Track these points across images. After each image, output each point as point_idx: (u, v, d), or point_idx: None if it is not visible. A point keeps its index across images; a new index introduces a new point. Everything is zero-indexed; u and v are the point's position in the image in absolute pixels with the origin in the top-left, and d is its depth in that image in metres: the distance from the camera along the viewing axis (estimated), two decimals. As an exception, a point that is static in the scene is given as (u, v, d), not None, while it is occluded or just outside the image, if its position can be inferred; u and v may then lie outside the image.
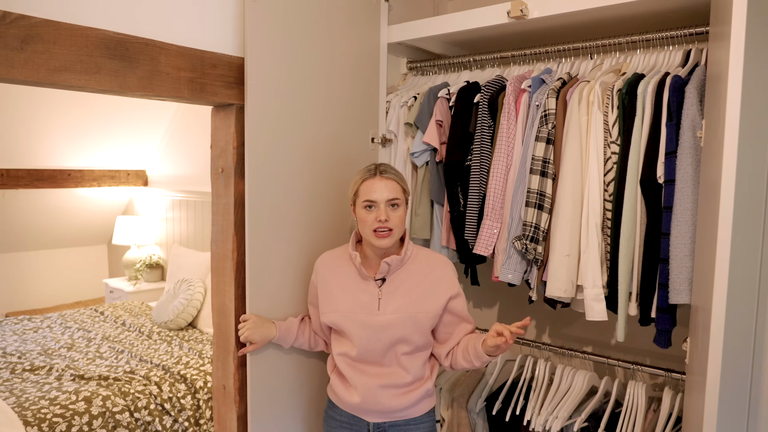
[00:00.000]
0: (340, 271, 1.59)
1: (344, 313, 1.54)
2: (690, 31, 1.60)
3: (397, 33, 2.04)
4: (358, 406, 1.55)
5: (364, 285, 1.55)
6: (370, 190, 1.48)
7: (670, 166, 1.50)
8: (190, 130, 4.16)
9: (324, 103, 1.82)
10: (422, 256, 1.59)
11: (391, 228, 1.47)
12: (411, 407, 1.56)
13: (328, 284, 1.59)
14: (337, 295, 1.56)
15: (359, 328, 1.52)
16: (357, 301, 1.54)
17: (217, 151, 1.72)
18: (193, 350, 2.82)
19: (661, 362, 1.98)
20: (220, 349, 1.76)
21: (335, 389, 1.60)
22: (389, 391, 1.53)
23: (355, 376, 1.54)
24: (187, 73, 1.51)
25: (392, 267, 1.53)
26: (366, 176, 1.51)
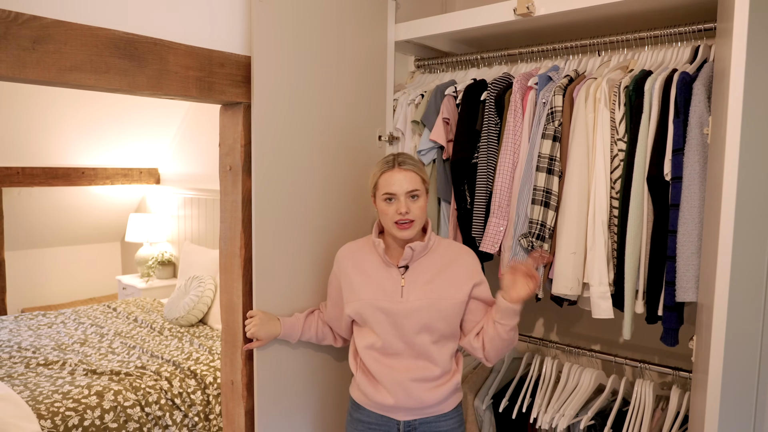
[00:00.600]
0: (363, 260, 1.60)
1: (367, 301, 1.53)
2: (698, 27, 1.58)
3: (404, 31, 2.04)
4: (391, 407, 1.52)
5: (386, 273, 1.55)
6: (389, 183, 1.49)
7: (677, 164, 1.49)
8: (201, 128, 4.20)
9: (330, 101, 1.83)
10: (444, 246, 1.60)
11: (413, 219, 1.48)
12: (443, 402, 1.55)
13: (350, 275, 1.59)
14: (359, 285, 1.56)
15: (382, 316, 1.51)
16: (380, 288, 1.53)
17: (225, 149, 1.74)
18: (203, 346, 2.86)
19: (670, 360, 1.96)
20: (228, 345, 1.78)
21: (363, 389, 1.56)
22: (421, 384, 1.51)
23: (383, 372, 1.51)
24: (195, 72, 1.53)
25: (416, 253, 1.53)
26: (385, 168, 1.51)
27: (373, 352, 1.54)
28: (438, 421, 1.56)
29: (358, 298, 1.55)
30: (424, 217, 1.53)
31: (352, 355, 1.63)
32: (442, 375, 1.54)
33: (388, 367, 1.52)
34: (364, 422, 1.58)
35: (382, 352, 1.53)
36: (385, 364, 1.53)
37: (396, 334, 1.51)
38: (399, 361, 1.52)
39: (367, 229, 2.01)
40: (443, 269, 1.54)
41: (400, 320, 1.50)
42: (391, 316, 1.50)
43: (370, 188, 1.57)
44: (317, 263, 1.83)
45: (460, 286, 1.53)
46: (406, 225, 1.48)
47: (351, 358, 1.63)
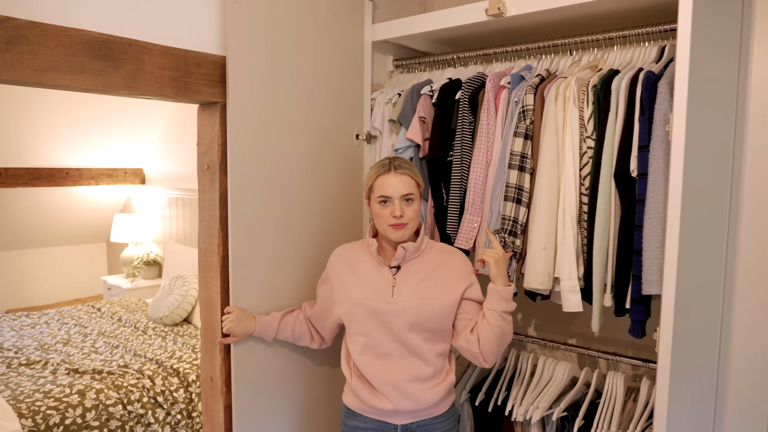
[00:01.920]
0: (356, 261, 1.62)
1: (358, 300, 1.55)
2: (665, 28, 1.62)
3: (381, 31, 2.07)
4: (389, 411, 1.53)
5: (378, 272, 1.57)
6: (385, 186, 1.51)
7: (643, 160, 1.53)
8: (186, 128, 4.20)
9: (307, 100, 1.86)
10: (436, 249, 1.63)
11: (407, 222, 1.51)
12: (440, 403, 1.57)
13: (343, 275, 1.62)
14: (350, 284, 1.58)
15: (372, 315, 1.52)
16: (371, 288, 1.55)
17: (203, 148, 1.76)
18: (186, 345, 2.87)
19: (642, 353, 2.01)
20: (207, 342, 1.81)
21: (359, 394, 1.56)
22: (417, 384, 1.52)
23: (379, 376, 1.52)
24: (171, 72, 1.55)
25: (408, 253, 1.55)
26: (380, 171, 1.54)
27: (366, 356, 1.55)
28: (434, 423, 1.58)
29: (349, 297, 1.57)
30: (418, 220, 1.56)
31: (345, 361, 1.63)
32: (435, 374, 1.55)
33: (381, 370, 1.53)
34: (361, 428, 1.58)
35: (375, 354, 1.54)
36: (378, 368, 1.53)
37: (386, 333, 1.53)
38: (392, 363, 1.53)
39: (345, 228, 2.04)
40: (434, 271, 1.56)
41: (389, 319, 1.52)
42: (381, 315, 1.52)
43: (365, 190, 1.59)
44: (294, 261, 1.85)
45: (451, 287, 1.55)
46: (400, 227, 1.51)
47: (344, 364, 1.63)
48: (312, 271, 1.89)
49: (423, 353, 1.53)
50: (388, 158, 1.58)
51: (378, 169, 1.55)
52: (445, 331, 1.57)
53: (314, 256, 1.91)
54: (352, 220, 2.07)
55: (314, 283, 1.85)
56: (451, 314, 1.56)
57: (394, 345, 1.53)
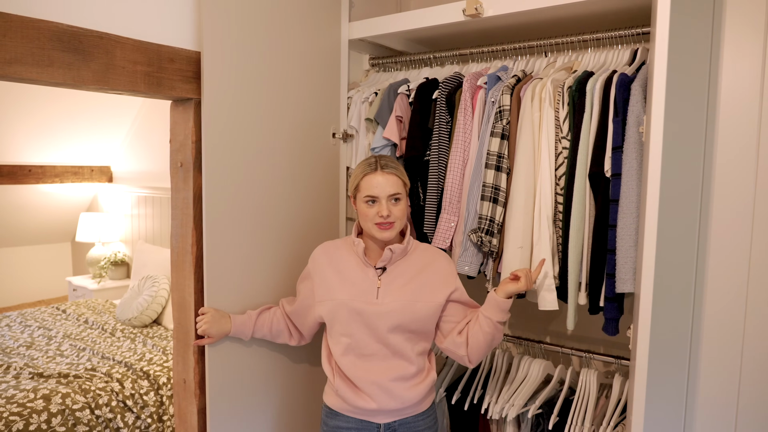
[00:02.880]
0: (340, 260, 1.60)
1: (342, 301, 1.53)
2: (637, 31, 1.66)
3: (358, 29, 2.06)
4: (373, 411, 1.52)
5: (363, 273, 1.55)
6: (371, 186, 1.49)
7: (617, 161, 1.56)
8: (155, 125, 4.11)
9: (283, 98, 1.84)
10: (421, 250, 1.62)
11: (393, 221, 1.49)
12: (422, 401, 1.57)
13: (326, 273, 1.59)
14: (334, 284, 1.56)
15: (356, 316, 1.51)
16: (355, 289, 1.54)
17: (177, 145, 1.72)
18: (157, 347, 2.80)
19: (614, 350, 2.05)
20: (180, 343, 1.77)
21: (344, 395, 1.54)
22: (400, 383, 1.52)
23: (362, 376, 1.51)
24: (143, 67, 1.51)
25: (395, 255, 1.54)
26: (367, 171, 1.51)
27: (349, 356, 1.54)
28: (416, 420, 1.58)
29: (332, 297, 1.55)
30: (404, 220, 1.55)
31: (327, 361, 1.61)
32: (418, 373, 1.55)
33: (365, 370, 1.52)
34: (343, 428, 1.57)
35: (358, 354, 1.53)
36: (362, 368, 1.52)
37: (369, 334, 1.52)
38: (375, 363, 1.52)
39: (321, 227, 2.02)
40: (420, 273, 1.55)
41: (373, 321, 1.51)
42: (365, 317, 1.51)
43: (350, 189, 1.57)
44: (270, 261, 1.83)
45: (437, 290, 1.54)
46: (386, 226, 1.49)
47: (325, 364, 1.61)
48: (288, 271, 1.87)
49: (406, 353, 1.53)
50: (375, 157, 1.55)
51: (364, 168, 1.53)
52: (427, 331, 1.57)
53: (290, 255, 1.89)
54: (328, 219, 2.05)
55: (291, 283, 1.83)
56: (435, 317, 1.56)
57: (377, 346, 1.52)
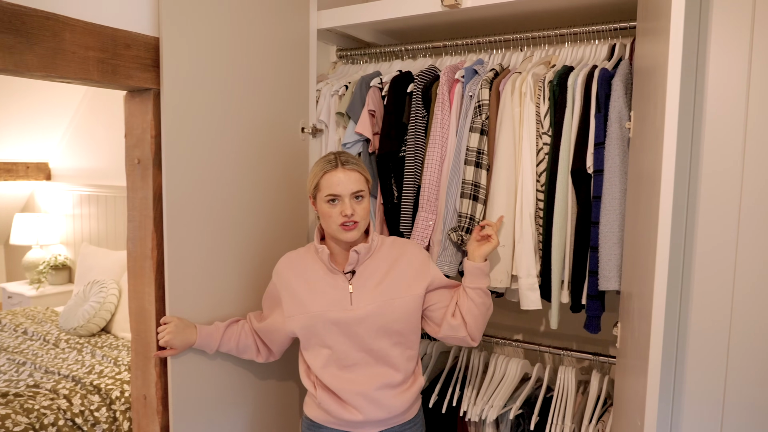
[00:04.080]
0: (305, 270, 1.50)
1: (315, 314, 1.44)
2: (615, 26, 1.65)
3: (327, 18, 1.96)
4: (360, 422, 1.44)
5: (332, 280, 1.46)
6: (333, 184, 1.40)
7: (599, 157, 1.54)
8: (99, 117, 3.84)
9: (250, 89, 1.72)
10: (388, 244, 1.54)
11: (357, 220, 1.41)
12: (409, 408, 1.50)
13: (293, 286, 1.49)
14: (304, 297, 1.46)
15: (334, 327, 1.42)
16: (327, 299, 1.45)
17: (133, 140, 1.57)
18: (107, 358, 2.60)
19: (586, 346, 2.06)
20: (139, 356, 1.62)
21: (326, 407, 1.46)
22: (386, 392, 1.44)
23: (346, 387, 1.43)
24: (96, 52, 1.36)
25: (361, 256, 1.46)
26: (327, 168, 1.42)
27: (330, 368, 1.45)
28: (403, 429, 1.51)
29: (305, 311, 1.45)
30: (368, 218, 1.47)
31: (306, 375, 1.52)
32: (405, 380, 1.48)
33: (349, 381, 1.43)
34: None
35: (340, 366, 1.44)
36: (345, 379, 1.44)
37: (351, 344, 1.43)
38: (359, 373, 1.44)
39: (291, 227, 1.91)
40: (391, 268, 1.48)
41: (353, 329, 1.42)
42: (343, 326, 1.42)
43: (309, 189, 1.47)
44: (237, 264, 1.71)
45: (413, 282, 1.47)
46: (351, 226, 1.41)
47: (304, 378, 1.52)
48: (257, 275, 1.76)
49: (392, 359, 1.45)
50: (333, 153, 1.46)
51: (324, 166, 1.43)
52: (414, 331, 1.50)
53: (259, 258, 1.77)
54: (297, 219, 1.95)
55: (259, 288, 1.72)
56: (417, 311, 1.48)
57: (359, 354, 1.44)
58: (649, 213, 1.01)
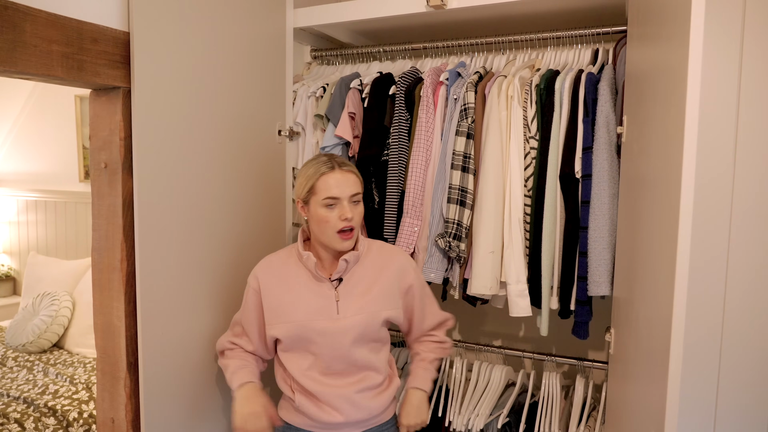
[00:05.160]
0: (288, 276, 1.41)
1: (300, 322, 1.37)
2: (597, 31, 1.65)
3: (304, 17, 1.89)
4: (339, 424, 1.39)
5: (318, 288, 1.39)
6: (331, 186, 1.33)
7: (587, 162, 1.53)
8: (47, 118, 3.60)
9: (225, 90, 1.63)
10: (375, 249, 1.48)
11: (354, 226, 1.36)
12: (386, 409, 1.47)
13: (276, 294, 1.40)
14: (287, 304, 1.38)
15: (320, 337, 1.36)
16: (312, 306, 1.38)
17: (99, 142, 1.45)
18: (62, 376, 2.42)
19: (565, 351, 2.06)
20: (106, 376, 1.50)
21: (305, 410, 1.40)
22: (366, 393, 1.41)
23: (326, 391, 1.38)
24: (60, 47, 1.24)
25: (350, 264, 1.39)
26: (323, 170, 1.34)
27: (312, 373, 1.39)
28: (380, 430, 1.47)
29: (289, 320, 1.38)
30: (361, 223, 1.44)
31: (283, 379, 1.45)
32: (383, 381, 1.46)
33: (330, 386, 1.38)
34: None
35: (322, 371, 1.39)
36: (326, 384, 1.39)
37: (336, 354, 1.38)
38: (341, 378, 1.40)
39: (268, 232, 1.83)
40: (377, 279, 1.43)
41: (338, 338, 1.36)
42: (329, 336, 1.36)
43: (300, 193, 1.38)
44: (214, 275, 1.61)
45: (396, 295, 1.44)
46: (349, 234, 1.35)
47: (281, 381, 1.45)
48: (234, 286, 1.66)
49: (374, 363, 1.42)
50: (326, 155, 1.40)
51: (318, 168, 1.36)
52: (386, 335, 1.48)
53: (236, 268, 1.68)
54: (274, 224, 1.86)
55: (238, 300, 1.62)
56: (396, 320, 1.47)
57: (343, 360, 1.39)
58: (655, 218, 1.00)
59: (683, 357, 0.87)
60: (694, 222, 1.27)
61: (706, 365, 1.29)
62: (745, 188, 1.26)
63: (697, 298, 1.27)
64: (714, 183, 1.28)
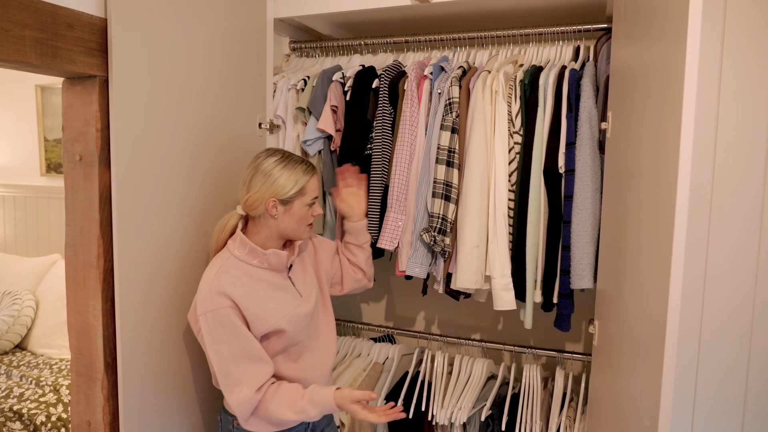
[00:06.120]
0: (250, 281, 1.34)
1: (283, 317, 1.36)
2: (578, 28, 1.67)
3: (285, 7, 1.85)
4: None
5: (276, 281, 1.40)
6: (315, 187, 1.42)
7: (570, 157, 1.55)
8: (4, 109, 3.43)
9: (206, 81, 1.58)
10: None
11: None
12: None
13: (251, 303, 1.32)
14: (266, 306, 1.34)
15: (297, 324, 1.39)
16: (282, 300, 1.38)
17: (73, 133, 1.39)
18: (26, 378, 2.31)
19: (542, 343, 2.09)
20: (81, 378, 1.44)
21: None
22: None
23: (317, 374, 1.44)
24: (34, 32, 1.18)
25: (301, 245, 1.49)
26: (312, 173, 1.40)
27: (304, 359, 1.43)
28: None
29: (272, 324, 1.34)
30: None
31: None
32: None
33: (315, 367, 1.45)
34: None
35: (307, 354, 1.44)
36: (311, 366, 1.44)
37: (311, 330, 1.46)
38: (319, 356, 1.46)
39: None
40: (306, 255, 1.53)
41: (309, 317, 1.44)
42: (305, 319, 1.42)
43: (286, 194, 1.34)
44: (197, 270, 1.57)
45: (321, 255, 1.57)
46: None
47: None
48: (215, 282, 1.62)
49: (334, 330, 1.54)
50: (299, 157, 1.41)
51: (306, 171, 1.39)
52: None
53: (217, 263, 1.63)
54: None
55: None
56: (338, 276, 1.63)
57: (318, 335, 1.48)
58: (644, 212, 1.02)
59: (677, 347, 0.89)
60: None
61: (687, 355, 1.33)
62: (724, 182, 1.30)
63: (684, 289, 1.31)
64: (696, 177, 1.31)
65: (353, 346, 2.11)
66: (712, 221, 1.31)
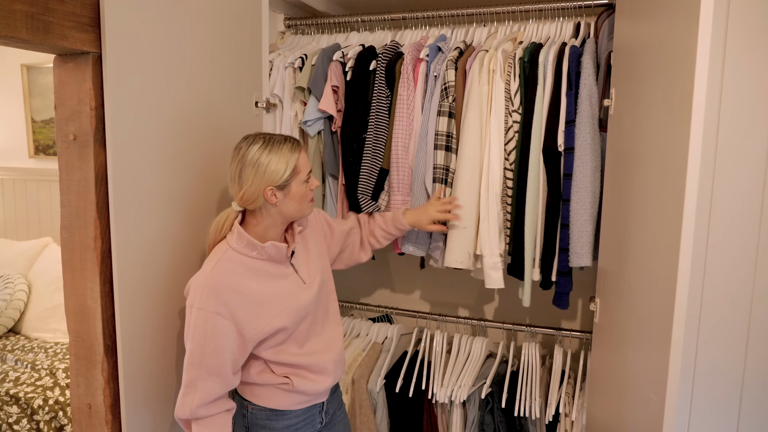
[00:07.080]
0: (249, 275, 1.32)
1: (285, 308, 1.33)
2: (578, 4, 1.66)
3: (281, -18, 1.81)
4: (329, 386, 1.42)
5: (277, 270, 1.35)
6: (306, 162, 1.36)
7: (570, 135, 1.54)
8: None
9: (201, 57, 1.54)
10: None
11: None
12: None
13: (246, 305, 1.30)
14: (263, 305, 1.31)
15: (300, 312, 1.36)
16: (285, 289, 1.35)
17: (66, 112, 1.35)
18: (22, 362, 2.29)
19: (538, 321, 2.11)
20: (80, 361, 1.43)
21: (304, 389, 1.37)
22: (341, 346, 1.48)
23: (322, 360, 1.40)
24: (24, 5, 1.14)
25: (303, 229, 1.45)
26: (297, 150, 1.33)
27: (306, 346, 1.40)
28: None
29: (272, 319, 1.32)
30: None
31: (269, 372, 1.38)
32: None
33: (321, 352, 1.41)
34: (292, 426, 1.40)
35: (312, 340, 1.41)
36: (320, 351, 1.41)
37: (315, 317, 1.42)
38: (325, 339, 1.43)
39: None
40: (309, 238, 1.47)
41: (313, 304, 1.40)
42: (305, 306, 1.37)
43: (280, 179, 1.29)
44: (195, 249, 1.55)
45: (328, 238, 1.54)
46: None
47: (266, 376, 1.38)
48: (214, 263, 1.60)
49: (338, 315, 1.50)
50: (283, 136, 1.36)
51: (292, 148, 1.32)
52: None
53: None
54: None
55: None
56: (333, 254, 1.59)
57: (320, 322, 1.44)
58: (651, 191, 1.02)
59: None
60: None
61: (689, 331, 1.34)
62: (726, 160, 1.30)
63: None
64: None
65: (352, 326, 2.11)
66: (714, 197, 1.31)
